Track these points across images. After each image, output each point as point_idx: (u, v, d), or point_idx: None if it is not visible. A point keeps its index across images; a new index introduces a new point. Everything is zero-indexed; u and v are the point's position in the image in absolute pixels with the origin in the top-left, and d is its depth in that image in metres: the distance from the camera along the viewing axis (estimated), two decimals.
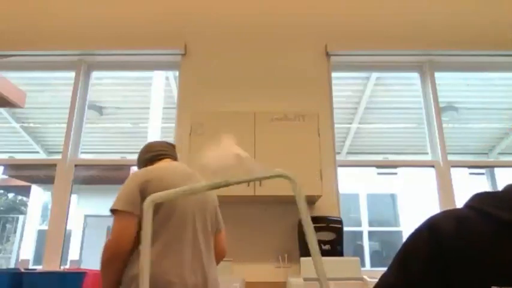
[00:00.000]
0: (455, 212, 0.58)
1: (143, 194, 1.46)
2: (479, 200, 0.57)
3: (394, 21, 3.43)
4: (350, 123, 4.64)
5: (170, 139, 3.35)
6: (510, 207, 0.53)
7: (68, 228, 3.08)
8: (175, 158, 1.80)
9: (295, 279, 2.37)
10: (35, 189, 7.59)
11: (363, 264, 6.69)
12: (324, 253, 2.54)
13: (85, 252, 7.16)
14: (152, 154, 1.75)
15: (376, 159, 5.20)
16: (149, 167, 1.64)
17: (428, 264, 0.54)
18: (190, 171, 1.68)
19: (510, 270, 0.48)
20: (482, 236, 0.52)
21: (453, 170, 3.14)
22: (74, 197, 3.61)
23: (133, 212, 1.43)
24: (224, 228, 1.77)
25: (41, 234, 7.12)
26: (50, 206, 3.52)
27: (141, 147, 1.88)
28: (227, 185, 0.38)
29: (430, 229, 0.56)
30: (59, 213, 3.06)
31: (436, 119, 3.26)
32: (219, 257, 1.72)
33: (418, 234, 0.58)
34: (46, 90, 4.28)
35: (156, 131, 4.21)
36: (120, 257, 1.42)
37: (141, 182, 1.49)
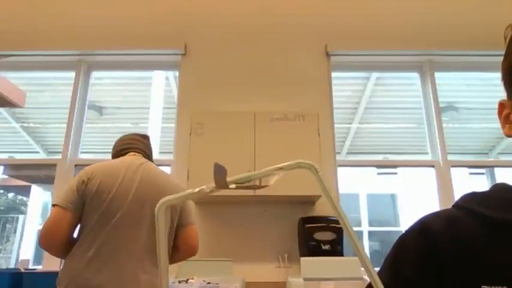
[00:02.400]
0: (446, 212, 0.58)
1: (81, 192, 1.53)
2: (468, 200, 0.57)
3: (394, 21, 3.43)
4: (350, 123, 4.64)
5: (170, 139, 3.35)
6: (499, 206, 0.53)
7: None
8: (141, 150, 1.78)
9: (295, 279, 2.37)
10: (35, 189, 7.58)
11: None
12: (324, 253, 2.54)
13: None
14: (117, 149, 1.79)
15: (376, 159, 5.19)
16: (94, 165, 1.64)
17: (420, 264, 0.54)
18: (138, 166, 1.65)
19: (500, 270, 0.48)
20: (472, 236, 0.52)
21: (453, 170, 3.14)
22: None
23: (67, 208, 1.50)
24: (193, 224, 1.69)
25: None
26: (49, 206, 3.51)
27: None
28: (249, 179, 0.37)
29: (422, 230, 0.57)
30: None
31: (436, 119, 3.26)
32: (185, 253, 1.67)
33: (409, 235, 0.58)
34: (46, 90, 4.27)
35: (156, 131, 4.21)
36: (52, 245, 1.51)
37: (81, 181, 1.55)
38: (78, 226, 1.54)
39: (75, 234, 1.56)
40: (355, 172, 5.79)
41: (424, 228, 0.56)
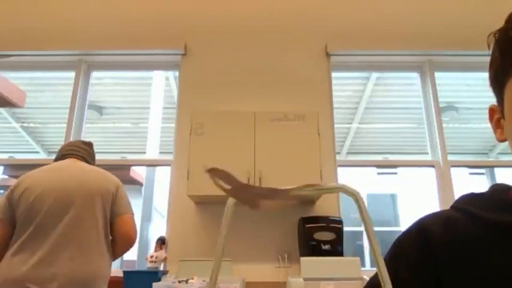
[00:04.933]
0: (443, 213, 0.58)
1: (9, 200, 1.65)
2: (466, 201, 0.57)
3: (394, 21, 3.42)
4: (350, 123, 4.64)
5: (170, 139, 3.35)
6: (495, 207, 0.53)
7: None
8: (81, 157, 1.84)
9: (295, 279, 2.37)
10: None
11: (363, 264, 6.69)
12: (324, 253, 2.54)
13: None
14: (58, 155, 1.87)
15: (376, 159, 5.20)
16: (26, 173, 1.74)
17: (418, 265, 0.54)
18: (64, 168, 1.73)
19: (497, 271, 0.48)
20: (469, 237, 0.52)
21: (453, 170, 3.14)
22: None
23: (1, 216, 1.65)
24: (127, 213, 1.74)
25: None
26: None
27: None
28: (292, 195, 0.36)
29: (419, 231, 0.57)
30: None
31: (436, 119, 3.26)
32: (122, 244, 1.73)
33: (406, 236, 0.58)
34: (46, 90, 4.28)
35: (156, 131, 4.21)
36: None
37: (10, 190, 1.67)
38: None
39: None
40: (355, 172, 5.79)
41: (422, 229, 0.56)
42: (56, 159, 1.85)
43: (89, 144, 1.94)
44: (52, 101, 4.39)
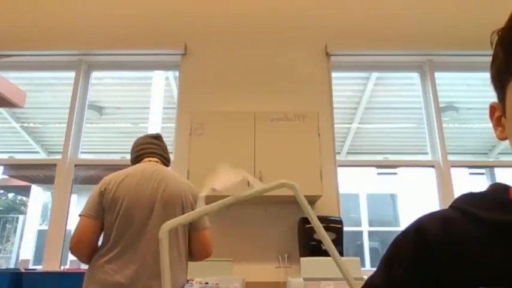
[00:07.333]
0: (442, 213, 0.58)
1: (100, 201, 1.64)
2: (465, 201, 0.57)
3: (394, 21, 3.43)
4: (350, 123, 4.64)
5: (170, 139, 3.34)
6: (494, 207, 0.53)
7: (68, 228, 3.08)
8: (156, 154, 1.83)
9: (295, 279, 2.37)
10: (35, 189, 7.57)
11: (363, 264, 6.69)
12: (324, 253, 2.54)
13: None
14: (133, 156, 1.86)
15: (376, 159, 5.19)
16: (111, 174, 1.73)
17: (415, 266, 0.54)
18: (151, 173, 1.71)
19: (497, 271, 0.48)
20: (468, 237, 0.52)
21: (453, 170, 3.14)
22: (74, 197, 3.62)
23: (91, 217, 1.62)
24: (204, 228, 1.74)
25: (41, 234, 7.11)
26: (50, 206, 3.51)
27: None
28: (237, 200, 0.38)
29: (417, 231, 0.56)
30: (59, 213, 3.06)
31: (436, 119, 3.26)
32: (200, 255, 1.75)
33: (404, 236, 0.58)
34: (46, 90, 4.27)
35: (156, 131, 4.20)
36: (80, 251, 1.62)
37: (99, 191, 1.66)
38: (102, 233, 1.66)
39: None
40: (355, 172, 5.79)
41: (419, 229, 0.56)
42: (132, 161, 1.84)
43: (158, 138, 1.91)
44: (52, 101, 4.39)
